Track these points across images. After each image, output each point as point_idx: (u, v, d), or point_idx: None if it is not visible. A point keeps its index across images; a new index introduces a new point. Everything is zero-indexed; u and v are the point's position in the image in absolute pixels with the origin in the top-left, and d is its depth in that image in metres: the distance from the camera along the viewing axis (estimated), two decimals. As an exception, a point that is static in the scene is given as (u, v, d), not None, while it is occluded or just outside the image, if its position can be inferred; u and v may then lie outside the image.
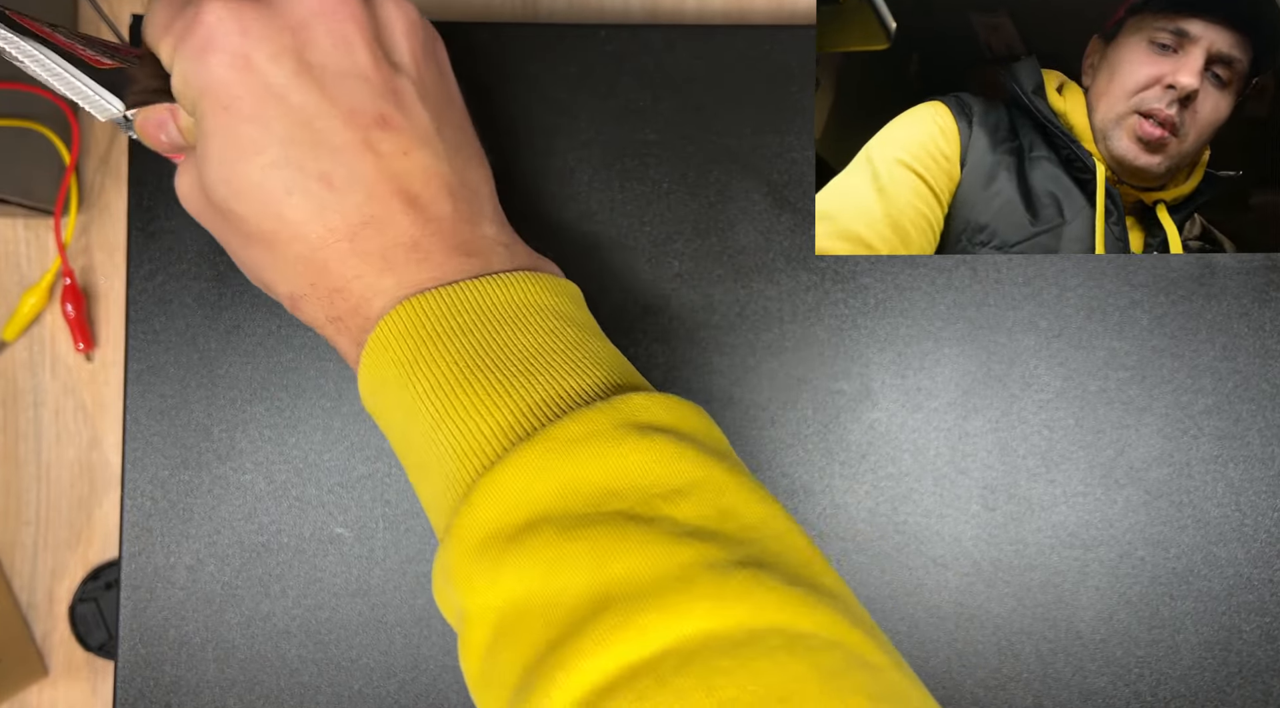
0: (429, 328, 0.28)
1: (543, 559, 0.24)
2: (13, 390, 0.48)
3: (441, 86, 0.32)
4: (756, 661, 0.22)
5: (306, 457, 0.42)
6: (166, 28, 0.30)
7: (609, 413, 0.26)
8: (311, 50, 0.29)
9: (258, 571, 0.41)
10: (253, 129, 0.29)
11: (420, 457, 0.28)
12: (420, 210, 0.29)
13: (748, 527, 0.25)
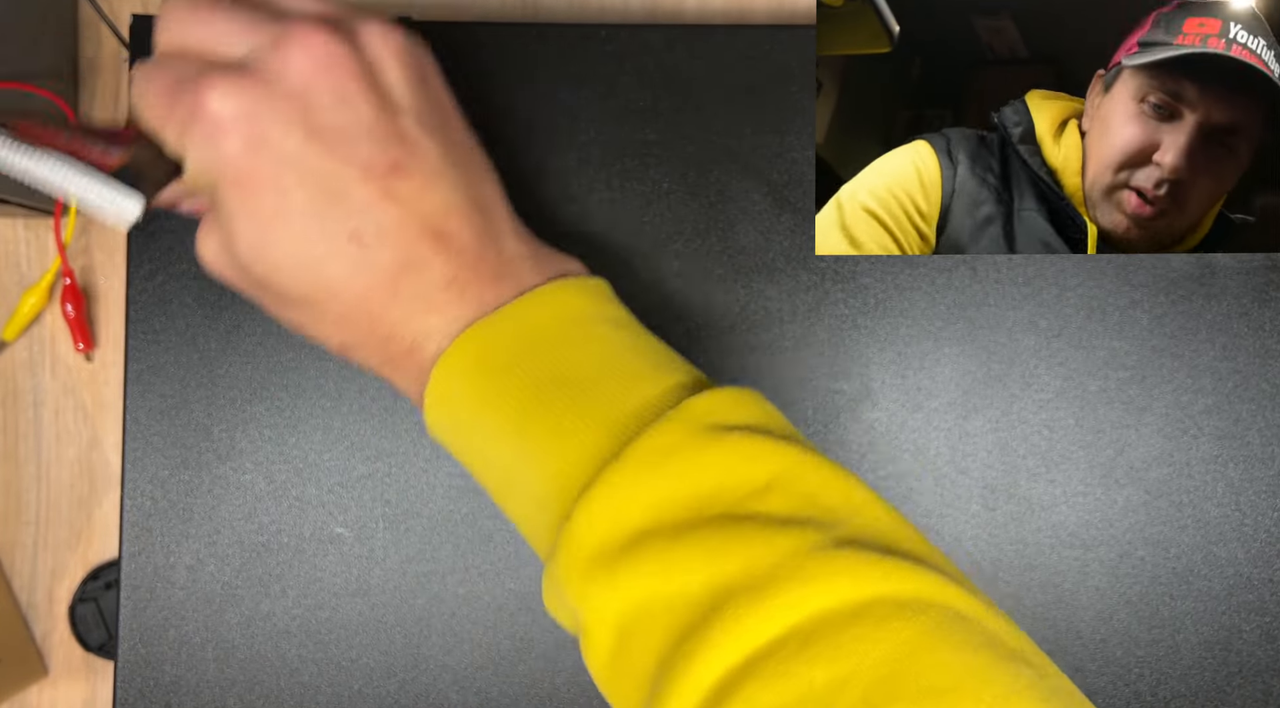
0: (488, 361, 0.29)
1: (656, 565, 0.26)
2: (13, 390, 0.48)
3: (439, 110, 0.32)
4: (871, 631, 0.24)
5: (306, 457, 0.42)
6: (167, 115, 0.30)
7: (683, 421, 0.28)
8: (316, 114, 0.29)
9: (258, 570, 0.41)
10: (276, 202, 0.29)
11: (504, 479, 0.30)
12: (448, 246, 0.30)
13: (832, 508, 0.27)
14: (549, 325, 0.30)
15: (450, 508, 0.42)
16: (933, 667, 0.24)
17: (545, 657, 0.42)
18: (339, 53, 0.29)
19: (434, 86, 0.32)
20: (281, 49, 0.29)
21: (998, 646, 0.25)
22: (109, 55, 0.49)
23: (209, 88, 0.29)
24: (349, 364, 0.42)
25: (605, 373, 0.29)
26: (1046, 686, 0.24)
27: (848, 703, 0.23)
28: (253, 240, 0.30)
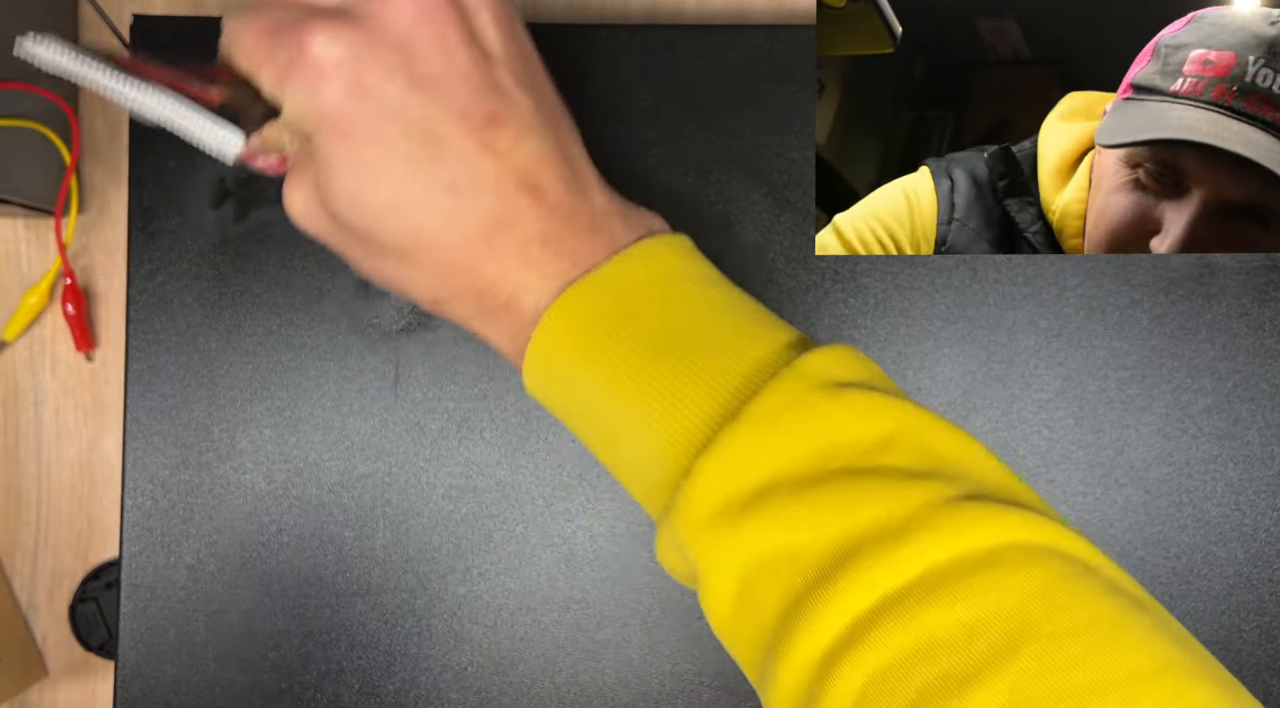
0: (592, 320, 0.30)
1: (783, 517, 0.27)
2: (13, 390, 0.48)
3: (530, 62, 0.32)
4: (1004, 575, 0.25)
5: (306, 457, 0.42)
6: (267, 59, 0.30)
7: (798, 380, 0.28)
8: (418, 62, 0.29)
9: (258, 570, 0.41)
10: (377, 151, 0.29)
11: (610, 437, 0.31)
12: (542, 200, 0.30)
13: (951, 462, 0.28)
14: (649, 284, 0.30)
15: (450, 508, 0.42)
16: (1069, 607, 0.24)
17: (545, 657, 0.42)
18: (440, 3, 0.29)
19: (523, 39, 0.32)
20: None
21: (1122, 593, 0.25)
22: (109, 55, 0.49)
23: (312, 32, 0.28)
24: (349, 367, 0.42)
25: (712, 333, 0.30)
26: (1171, 632, 0.25)
27: (985, 643, 0.24)
28: (351, 189, 0.29)
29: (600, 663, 0.42)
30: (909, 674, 0.24)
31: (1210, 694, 0.23)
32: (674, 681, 0.42)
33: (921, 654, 0.24)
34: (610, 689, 0.42)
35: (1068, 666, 0.23)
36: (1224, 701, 0.23)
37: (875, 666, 0.24)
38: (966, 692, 0.23)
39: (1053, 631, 0.24)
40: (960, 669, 0.23)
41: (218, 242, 0.42)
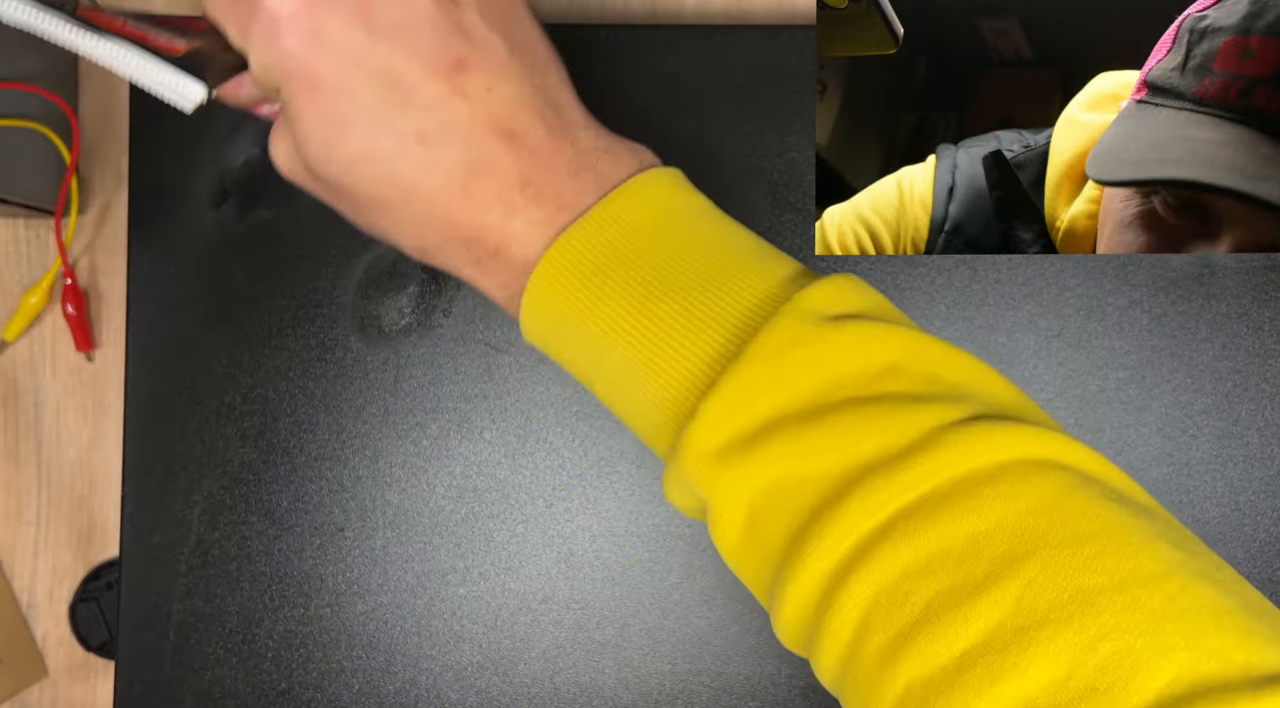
0: (587, 266, 0.29)
1: (791, 447, 0.27)
2: (13, 390, 0.48)
3: (503, 1, 0.31)
4: (1009, 488, 0.25)
5: (307, 457, 0.42)
6: (229, 12, 0.30)
7: (798, 314, 0.28)
8: (377, 9, 0.29)
9: (258, 571, 0.41)
10: (342, 102, 0.29)
11: (614, 381, 0.30)
12: (519, 144, 0.30)
13: (956, 384, 0.28)
14: (643, 224, 0.30)
15: (450, 508, 0.42)
16: (1076, 516, 0.24)
17: (545, 657, 0.42)
18: None
19: None
20: None
21: (1128, 501, 0.26)
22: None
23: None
24: (348, 366, 0.42)
25: (710, 271, 0.29)
26: (1177, 535, 0.25)
27: (994, 552, 0.24)
28: (320, 141, 0.29)
29: (600, 663, 0.42)
30: (916, 587, 0.24)
31: (1216, 594, 0.24)
32: (674, 681, 0.42)
33: (929, 567, 0.24)
34: (610, 689, 0.42)
35: (1075, 570, 0.23)
36: (1229, 598, 0.24)
37: (882, 580, 0.25)
38: (975, 600, 0.23)
39: (1059, 539, 0.24)
40: (968, 579, 0.24)
41: (218, 242, 0.42)
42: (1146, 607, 0.23)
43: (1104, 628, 0.23)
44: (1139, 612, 0.23)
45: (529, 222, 0.30)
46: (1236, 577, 0.25)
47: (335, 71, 0.29)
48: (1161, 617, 0.23)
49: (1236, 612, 0.23)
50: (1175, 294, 0.42)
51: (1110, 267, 0.42)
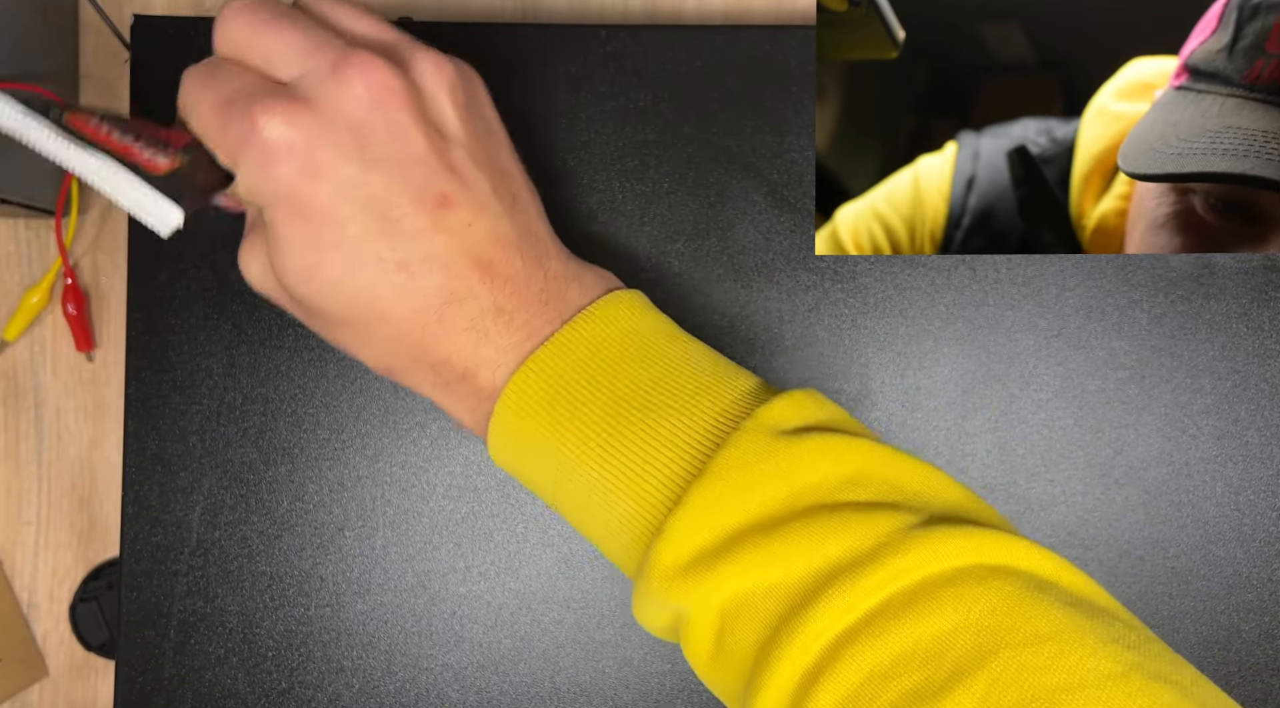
0: (553, 390, 0.30)
1: (757, 557, 0.27)
2: (14, 390, 0.48)
3: (489, 141, 0.32)
4: (972, 588, 0.26)
5: (307, 457, 0.42)
6: (220, 133, 0.30)
7: (760, 429, 0.29)
8: (371, 146, 0.29)
9: (258, 570, 0.41)
10: (327, 230, 0.29)
11: (581, 504, 0.31)
12: (495, 275, 0.31)
13: (914, 493, 0.28)
14: (606, 347, 0.31)
15: (450, 508, 0.42)
16: (1034, 617, 0.25)
17: (545, 657, 0.42)
18: (394, 86, 0.30)
19: (485, 116, 0.33)
20: (339, 78, 0.29)
21: (1083, 604, 0.26)
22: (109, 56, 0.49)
23: (263, 112, 0.29)
24: (348, 366, 0.42)
25: (672, 390, 0.30)
26: (1136, 636, 0.26)
27: (956, 653, 0.25)
28: (301, 264, 0.30)
29: (600, 663, 0.42)
30: (882, 690, 0.25)
31: (1174, 696, 0.24)
32: (674, 680, 0.42)
33: (895, 669, 0.25)
34: (610, 689, 0.42)
35: (1037, 669, 0.24)
36: (1188, 700, 0.24)
37: (850, 685, 0.25)
38: (941, 700, 0.24)
39: (1021, 639, 0.25)
40: (934, 679, 0.24)
41: (218, 242, 0.42)
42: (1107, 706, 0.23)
43: None
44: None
45: (498, 348, 0.31)
46: (1197, 677, 0.26)
47: (326, 201, 0.29)
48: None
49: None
50: (1175, 294, 0.42)
51: (1110, 267, 0.42)
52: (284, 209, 0.29)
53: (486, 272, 0.30)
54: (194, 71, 0.31)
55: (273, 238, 0.30)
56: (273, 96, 0.29)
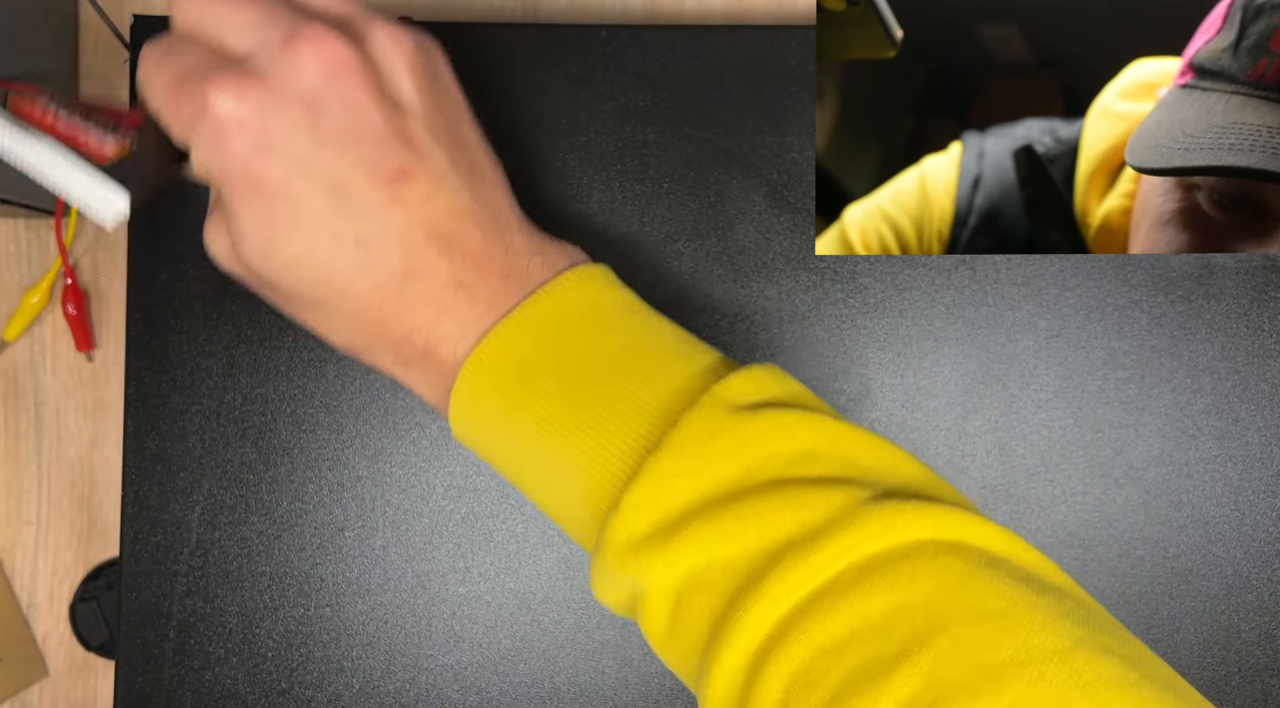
0: (513, 365, 0.30)
1: (710, 533, 0.27)
2: (14, 390, 0.48)
3: (448, 113, 0.32)
4: (923, 565, 0.26)
5: (307, 457, 0.42)
6: (174, 110, 0.30)
7: (717, 404, 0.28)
8: (323, 120, 0.29)
9: (258, 570, 0.42)
10: (282, 206, 0.29)
11: (541, 479, 0.31)
12: (454, 249, 0.30)
13: (870, 468, 0.28)
14: (567, 321, 0.30)
15: (450, 508, 0.42)
16: (984, 594, 0.25)
17: (545, 657, 0.42)
18: (348, 59, 0.29)
19: (444, 88, 0.32)
20: (291, 52, 0.29)
21: (1033, 581, 0.26)
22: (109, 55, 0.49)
23: (215, 88, 0.28)
24: (348, 366, 0.42)
25: (631, 364, 0.30)
26: (1086, 612, 0.26)
27: (905, 628, 0.24)
28: (258, 241, 0.30)
29: (600, 663, 0.42)
30: (832, 666, 0.25)
31: (1120, 668, 0.24)
32: (674, 680, 0.42)
33: (843, 646, 0.25)
34: (610, 689, 0.42)
35: (983, 645, 0.24)
36: (1133, 672, 0.24)
37: (799, 661, 0.25)
38: (889, 676, 0.24)
39: (967, 615, 0.25)
40: (881, 655, 0.24)
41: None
42: (1052, 681, 0.23)
43: (1012, 702, 0.23)
44: (1045, 685, 0.23)
45: (459, 323, 0.30)
46: (1145, 653, 0.26)
47: (279, 177, 0.29)
48: (1067, 690, 0.23)
49: (1141, 684, 0.24)
50: (1175, 294, 0.42)
51: (1110, 267, 0.42)
52: (238, 186, 0.29)
53: (445, 246, 0.30)
54: (150, 48, 0.30)
55: (229, 215, 0.30)
56: (224, 72, 0.29)
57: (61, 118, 0.30)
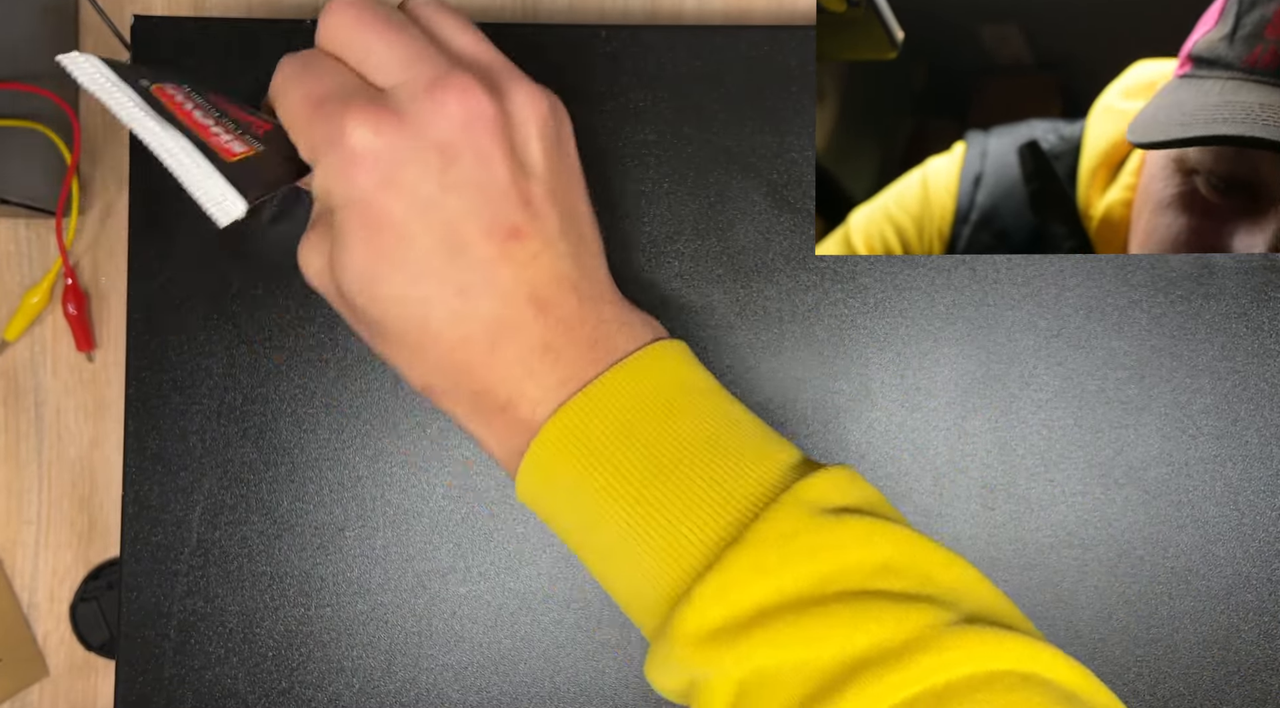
0: (591, 436, 0.30)
1: (785, 634, 0.27)
2: (14, 390, 0.48)
3: (567, 177, 0.32)
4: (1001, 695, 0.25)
5: (307, 456, 0.42)
6: (306, 129, 0.30)
7: (798, 505, 0.28)
8: (454, 168, 0.29)
9: (258, 570, 0.42)
10: (395, 244, 0.29)
11: (607, 553, 0.31)
12: (549, 312, 0.30)
13: (949, 588, 0.28)
14: (649, 398, 0.30)
15: (450, 508, 0.42)
16: None
17: (545, 657, 0.42)
18: (488, 112, 0.29)
19: (566, 154, 0.33)
20: (436, 97, 0.29)
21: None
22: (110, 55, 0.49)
23: (354, 118, 0.28)
24: (349, 366, 0.42)
25: (711, 451, 0.30)
26: None
27: None
28: (363, 273, 0.30)
29: (600, 663, 0.42)
30: None
31: None
32: (674, 680, 0.42)
33: None
34: (610, 689, 0.42)
35: None
36: None
37: None
38: None
39: None
40: None
41: (218, 242, 0.42)
42: None
43: None
44: None
45: (542, 386, 0.30)
46: None
47: (399, 216, 0.29)
48: None
49: None
50: (1175, 294, 0.42)
51: (1110, 267, 0.42)
52: (356, 216, 0.29)
53: (542, 308, 0.30)
54: (290, 61, 0.31)
55: (338, 241, 0.30)
56: (365, 103, 0.29)
57: (198, 112, 0.30)
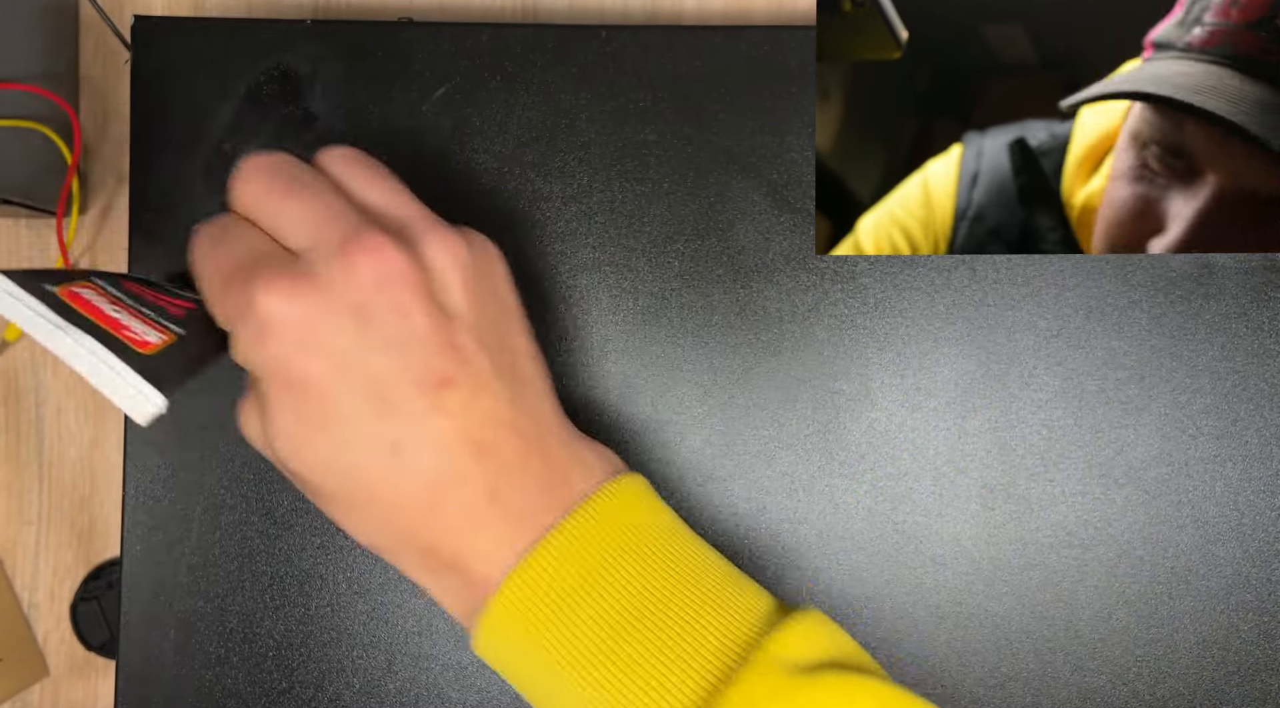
0: (550, 595, 0.29)
1: None
2: (15, 390, 0.49)
3: (496, 316, 0.32)
4: None
5: (307, 456, 0.42)
6: (220, 300, 0.29)
7: (771, 664, 0.28)
8: (371, 326, 0.29)
9: (258, 570, 0.42)
10: (319, 407, 0.29)
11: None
12: (490, 457, 0.30)
13: None
14: (609, 547, 0.30)
15: (450, 508, 0.42)
16: None
17: (545, 656, 0.42)
18: (402, 268, 0.29)
19: (495, 293, 0.32)
20: (346, 258, 0.29)
21: None
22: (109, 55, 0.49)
23: (262, 287, 0.28)
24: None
25: (677, 605, 0.29)
26: None
27: None
28: (291, 437, 0.29)
29: (600, 663, 0.42)
30: None
31: None
32: (674, 680, 0.42)
33: None
34: (610, 689, 0.42)
35: None
36: None
37: None
38: None
39: None
40: None
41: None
42: None
43: None
44: None
45: (494, 538, 0.30)
46: None
47: (319, 377, 0.29)
48: None
49: None
50: (1174, 294, 0.42)
51: (1110, 267, 0.42)
52: (278, 382, 0.29)
53: (482, 453, 0.29)
54: (204, 230, 0.31)
55: (265, 408, 0.30)
56: (274, 270, 0.29)
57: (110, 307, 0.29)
